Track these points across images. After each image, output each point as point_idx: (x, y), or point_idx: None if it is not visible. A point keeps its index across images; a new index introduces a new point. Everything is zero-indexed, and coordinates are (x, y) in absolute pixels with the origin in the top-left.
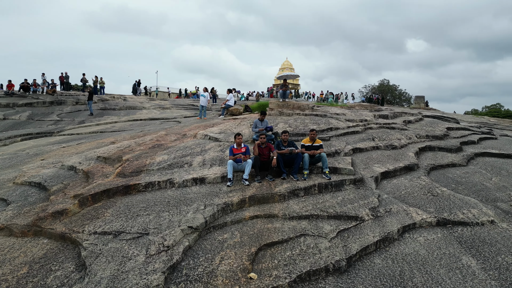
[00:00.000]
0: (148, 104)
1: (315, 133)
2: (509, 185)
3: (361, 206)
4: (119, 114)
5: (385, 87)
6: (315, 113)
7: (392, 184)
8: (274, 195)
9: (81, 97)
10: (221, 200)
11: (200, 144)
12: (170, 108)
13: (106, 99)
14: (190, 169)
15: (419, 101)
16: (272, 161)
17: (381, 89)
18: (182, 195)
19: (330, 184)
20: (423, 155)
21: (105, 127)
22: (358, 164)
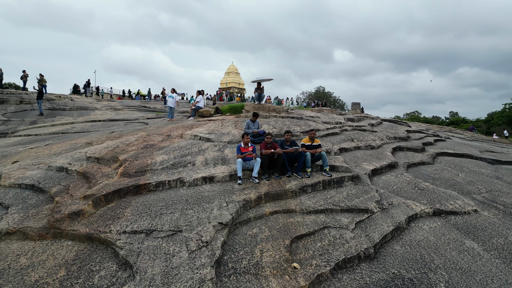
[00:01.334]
0: (98, 105)
1: (315, 132)
2: (474, 180)
3: (367, 200)
4: (72, 115)
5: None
6: (291, 116)
7: (383, 180)
8: (286, 192)
9: (24, 95)
10: (239, 197)
11: (194, 144)
12: (122, 110)
13: (52, 98)
14: (196, 168)
15: (355, 107)
16: (277, 151)
17: (317, 95)
18: (197, 193)
19: (332, 181)
20: (397, 154)
21: (64, 128)
22: (349, 162)
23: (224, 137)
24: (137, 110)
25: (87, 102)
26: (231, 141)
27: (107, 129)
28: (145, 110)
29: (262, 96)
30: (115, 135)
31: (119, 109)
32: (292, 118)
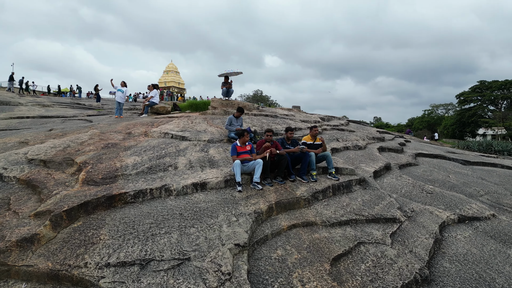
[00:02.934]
0: (22, 100)
1: (318, 129)
2: (466, 181)
3: (388, 207)
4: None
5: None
6: (265, 114)
7: (387, 183)
8: (299, 200)
9: None
10: (247, 208)
11: (169, 143)
12: (52, 106)
13: None
14: (180, 173)
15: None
16: (281, 151)
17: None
18: (192, 204)
19: (342, 185)
20: (383, 155)
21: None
22: (348, 164)
23: (201, 136)
24: (70, 107)
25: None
26: (212, 140)
27: (41, 127)
28: (79, 107)
29: (230, 92)
30: (56, 133)
31: (48, 106)
32: (267, 116)
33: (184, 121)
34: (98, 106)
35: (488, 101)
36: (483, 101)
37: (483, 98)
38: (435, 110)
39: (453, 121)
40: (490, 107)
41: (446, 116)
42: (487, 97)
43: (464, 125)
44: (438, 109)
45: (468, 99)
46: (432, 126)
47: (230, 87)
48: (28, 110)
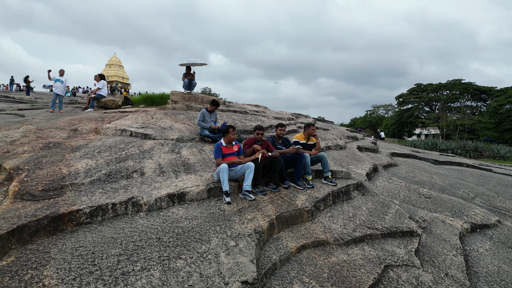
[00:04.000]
0: None
1: (314, 128)
2: (452, 183)
3: (399, 217)
4: None
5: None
6: (233, 109)
7: (381, 187)
8: (301, 212)
9: None
10: (244, 227)
11: (129, 143)
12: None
13: None
14: (148, 180)
15: None
16: (274, 153)
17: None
18: (171, 224)
19: (341, 192)
20: (363, 155)
21: None
22: (336, 165)
23: (168, 133)
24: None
25: None
26: (182, 138)
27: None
28: (7, 100)
29: (193, 84)
30: None
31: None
32: (236, 112)
33: (143, 116)
34: (31, 99)
35: (424, 103)
36: (420, 103)
37: (419, 100)
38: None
39: (393, 121)
40: (426, 108)
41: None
42: (423, 99)
43: (403, 125)
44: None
45: (407, 100)
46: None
47: (192, 79)
48: None
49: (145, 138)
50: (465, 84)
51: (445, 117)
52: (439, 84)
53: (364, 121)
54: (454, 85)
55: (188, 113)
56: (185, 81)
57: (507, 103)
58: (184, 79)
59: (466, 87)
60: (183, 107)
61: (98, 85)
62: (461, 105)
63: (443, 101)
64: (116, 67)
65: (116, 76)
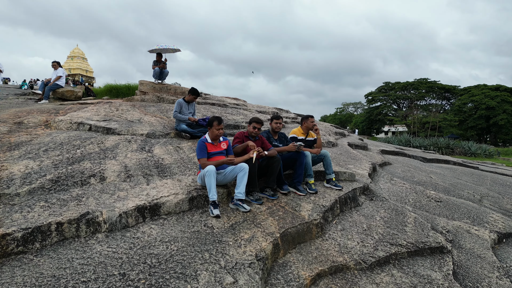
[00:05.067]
0: None
1: (314, 121)
2: (453, 183)
3: (420, 229)
4: None
5: None
6: (211, 102)
7: (386, 190)
8: (310, 227)
9: None
10: (242, 251)
11: (88, 138)
12: None
13: None
14: (110, 188)
15: None
16: (271, 152)
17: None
18: (139, 250)
19: (348, 197)
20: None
21: None
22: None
23: (137, 127)
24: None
25: None
26: (153, 133)
27: None
28: None
29: (165, 73)
30: None
31: None
32: (214, 105)
33: (106, 108)
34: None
35: (392, 101)
36: (388, 101)
37: (388, 98)
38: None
39: (363, 118)
40: (394, 106)
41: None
42: (391, 97)
43: (372, 122)
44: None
45: (376, 98)
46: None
47: (164, 67)
48: None
49: (108, 133)
50: (431, 83)
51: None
52: (407, 82)
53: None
54: (420, 84)
55: (159, 106)
56: (155, 69)
57: (470, 102)
58: (155, 68)
59: (431, 85)
60: (154, 98)
61: (58, 72)
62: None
63: (410, 99)
64: (79, 59)
65: (79, 69)
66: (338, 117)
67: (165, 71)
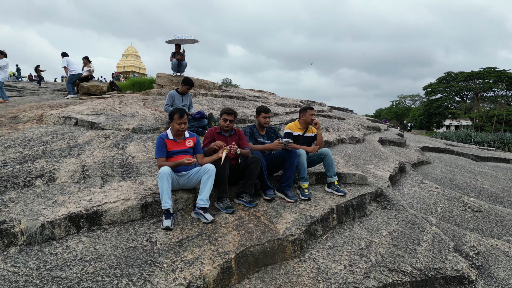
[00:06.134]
0: None
1: (314, 113)
2: (504, 187)
3: (438, 248)
4: None
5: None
6: (229, 94)
7: (410, 196)
8: (282, 244)
9: None
10: (172, 279)
11: (62, 134)
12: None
13: None
14: (53, 190)
15: None
16: (244, 151)
17: (225, 86)
18: (47, 271)
19: (351, 205)
20: (387, 150)
21: None
22: (350, 166)
23: (124, 122)
24: None
25: None
26: (140, 128)
27: None
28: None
29: (183, 65)
30: None
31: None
32: (231, 98)
33: (111, 101)
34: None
35: (454, 92)
36: (450, 92)
37: (449, 89)
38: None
39: (421, 112)
40: (456, 98)
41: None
42: (454, 88)
43: (431, 116)
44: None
45: (435, 90)
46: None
47: (182, 59)
48: None
49: (92, 127)
50: (500, 72)
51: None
52: (471, 72)
53: (389, 112)
54: (488, 73)
55: None
56: (173, 61)
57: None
58: (172, 60)
59: (500, 75)
60: None
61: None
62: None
63: (475, 91)
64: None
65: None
66: (394, 111)
67: (183, 63)
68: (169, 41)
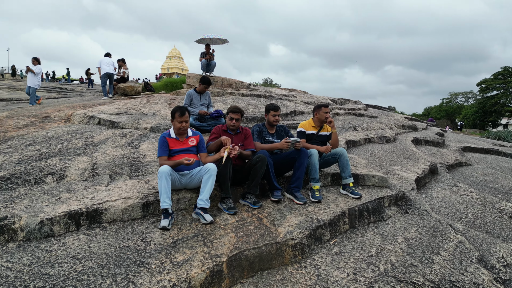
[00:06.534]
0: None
1: (329, 110)
2: None
3: (459, 258)
4: None
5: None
6: (256, 93)
7: (438, 200)
8: (281, 248)
9: None
10: (155, 281)
11: (82, 133)
12: None
13: None
14: (61, 188)
15: None
16: (246, 152)
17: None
18: (37, 268)
19: (365, 208)
20: (420, 150)
21: None
22: (370, 167)
23: (144, 121)
24: (47, 91)
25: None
26: (158, 127)
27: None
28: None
29: (212, 64)
30: None
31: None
32: (258, 97)
33: (138, 101)
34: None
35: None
36: (507, 89)
37: (506, 86)
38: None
39: (474, 110)
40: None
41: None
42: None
43: (486, 115)
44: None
45: (491, 86)
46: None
47: (211, 59)
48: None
49: (112, 126)
50: None
51: None
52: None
53: (439, 111)
54: None
55: None
56: (202, 61)
57: None
58: (202, 59)
59: None
60: None
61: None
62: None
63: None
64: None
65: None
66: (444, 109)
67: (212, 62)
68: (199, 40)
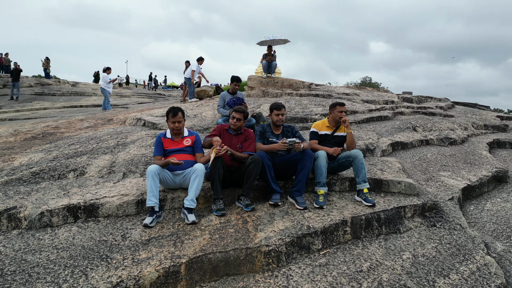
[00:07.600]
0: None
1: (345, 109)
2: None
3: (471, 285)
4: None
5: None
6: (315, 93)
7: (489, 214)
8: (252, 254)
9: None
10: (107, 276)
11: (122, 132)
12: (130, 96)
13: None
14: (76, 183)
15: None
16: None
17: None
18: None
19: (376, 218)
20: (497, 155)
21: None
22: (410, 172)
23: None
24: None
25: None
26: (191, 128)
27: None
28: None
29: (273, 66)
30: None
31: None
32: (316, 97)
33: (193, 104)
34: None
35: None
36: None
37: None
38: None
39: None
40: None
41: None
42: None
43: None
44: None
45: None
46: None
47: (272, 60)
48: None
49: (153, 127)
50: None
51: None
52: None
53: None
54: None
55: (257, 100)
56: (263, 63)
57: None
58: (262, 61)
59: None
60: (259, 93)
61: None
62: None
63: None
64: None
65: None
66: None
67: (273, 63)
68: (260, 42)
